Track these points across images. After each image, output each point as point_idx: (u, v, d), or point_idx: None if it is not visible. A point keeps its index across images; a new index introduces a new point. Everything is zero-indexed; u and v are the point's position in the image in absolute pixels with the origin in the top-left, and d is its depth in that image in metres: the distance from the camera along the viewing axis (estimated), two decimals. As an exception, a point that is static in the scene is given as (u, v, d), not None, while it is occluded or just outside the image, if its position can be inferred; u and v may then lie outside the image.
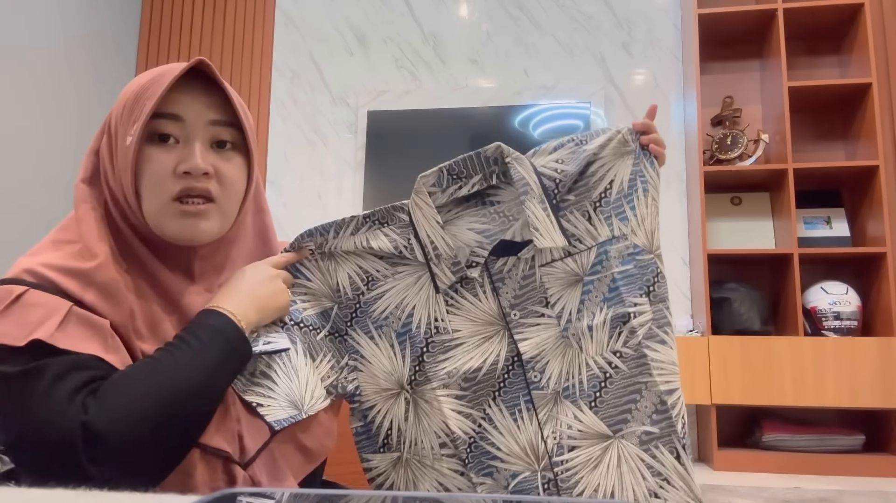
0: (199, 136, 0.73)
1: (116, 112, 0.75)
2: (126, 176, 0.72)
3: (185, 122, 0.73)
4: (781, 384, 2.51)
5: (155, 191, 0.72)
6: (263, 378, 0.75)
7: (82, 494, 0.41)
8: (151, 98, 0.70)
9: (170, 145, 0.73)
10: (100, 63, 3.38)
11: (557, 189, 0.84)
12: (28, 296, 0.66)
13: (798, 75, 2.94)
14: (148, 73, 0.75)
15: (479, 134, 3.17)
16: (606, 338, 0.81)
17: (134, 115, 0.71)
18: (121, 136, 0.72)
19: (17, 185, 2.85)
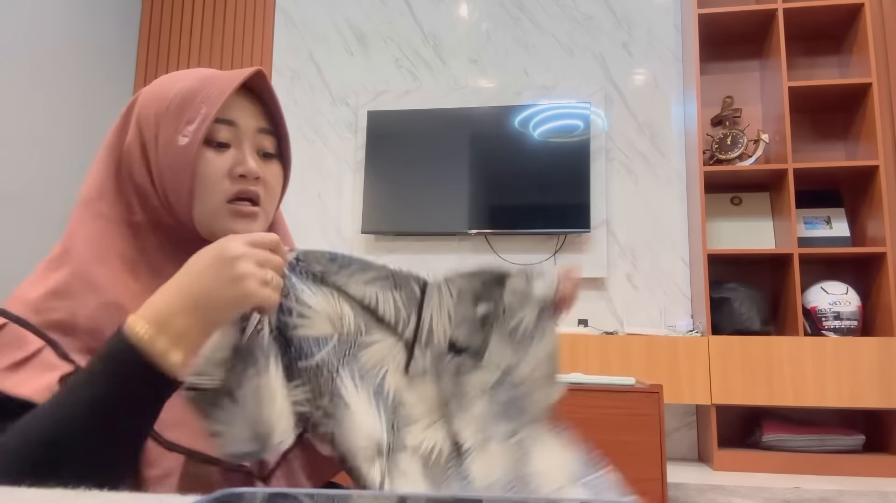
0: (247, 143, 0.76)
1: (155, 109, 0.74)
2: (179, 175, 0.72)
3: (237, 128, 0.75)
4: (781, 384, 2.51)
5: (211, 192, 0.73)
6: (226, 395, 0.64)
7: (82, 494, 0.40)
8: (209, 101, 0.72)
9: (222, 149, 0.74)
10: (100, 63, 3.38)
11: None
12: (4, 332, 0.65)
13: (798, 75, 2.94)
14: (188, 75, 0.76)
15: (479, 134, 3.17)
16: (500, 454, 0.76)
17: (187, 116, 0.72)
18: (166, 135, 0.73)
19: (17, 184, 2.85)
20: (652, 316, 3.03)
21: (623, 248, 3.10)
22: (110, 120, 3.47)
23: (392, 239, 3.26)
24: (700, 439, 2.84)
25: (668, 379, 2.57)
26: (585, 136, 3.08)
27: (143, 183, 0.74)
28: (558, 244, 3.12)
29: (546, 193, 3.07)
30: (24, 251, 2.88)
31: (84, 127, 3.26)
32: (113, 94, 3.49)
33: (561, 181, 3.07)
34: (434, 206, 3.15)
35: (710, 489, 2.17)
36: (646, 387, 1.78)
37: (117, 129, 0.78)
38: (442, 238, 3.21)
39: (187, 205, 0.73)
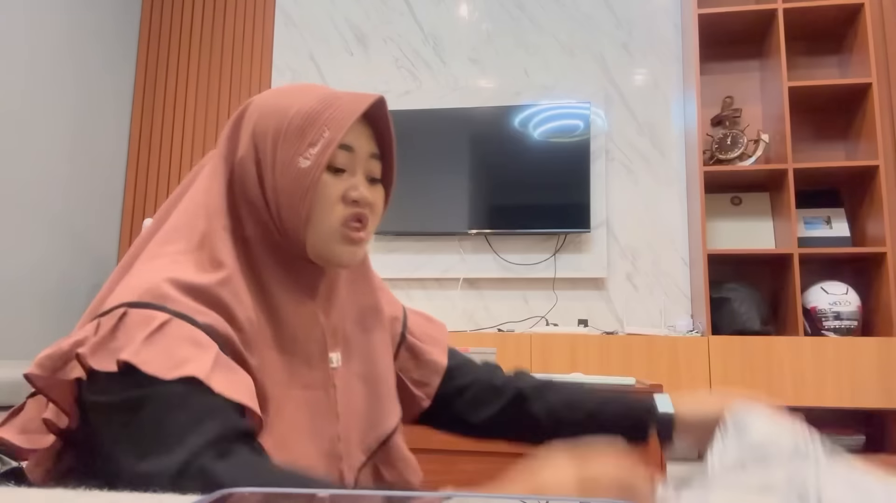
0: (361, 168, 0.77)
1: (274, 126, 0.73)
2: (298, 196, 0.72)
3: (354, 153, 0.76)
4: (781, 384, 2.51)
5: (326, 215, 0.73)
6: None
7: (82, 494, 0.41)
8: (333, 126, 0.72)
9: (338, 173, 0.75)
10: (100, 63, 3.38)
11: None
12: (172, 326, 0.63)
13: (798, 75, 2.94)
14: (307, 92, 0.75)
15: (479, 134, 3.17)
16: None
17: (309, 138, 0.72)
18: (285, 154, 0.72)
19: (16, 184, 2.85)
20: (652, 316, 3.03)
21: (623, 248, 3.10)
22: (110, 120, 3.47)
23: (392, 239, 3.26)
24: (700, 439, 2.84)
25: (668, 379, 2.57)
26: (585, 136, 3.08)
27: (256, 199, 0.74)
28: (558, 244, 3.12)
29: (546, 193, 3.07)
30: (24, 251, 2.88)
31: (84, 127, 3.26)
32: (113, 94, 3.49)
33: (561, 181, 3.07)
34: (434, 206, 3.15)
35: (710, 489, 2.17)
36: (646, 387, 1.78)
37: (228, 139, 0.77)
38: (442, 238, 3.21)
39: (302, 226, 0.73)
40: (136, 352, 0.60)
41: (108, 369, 0.60)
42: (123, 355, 0.60)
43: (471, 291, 3.18)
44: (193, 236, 0.72)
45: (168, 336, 0.62)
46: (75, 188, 3.19)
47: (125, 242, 3.52)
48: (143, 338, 0.61)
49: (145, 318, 0.62)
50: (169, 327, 0.62)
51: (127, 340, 0.61)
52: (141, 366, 0.59)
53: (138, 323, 0.62)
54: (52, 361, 0.64)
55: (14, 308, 2.83)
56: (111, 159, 3.48)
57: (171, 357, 0.61)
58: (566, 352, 2.66)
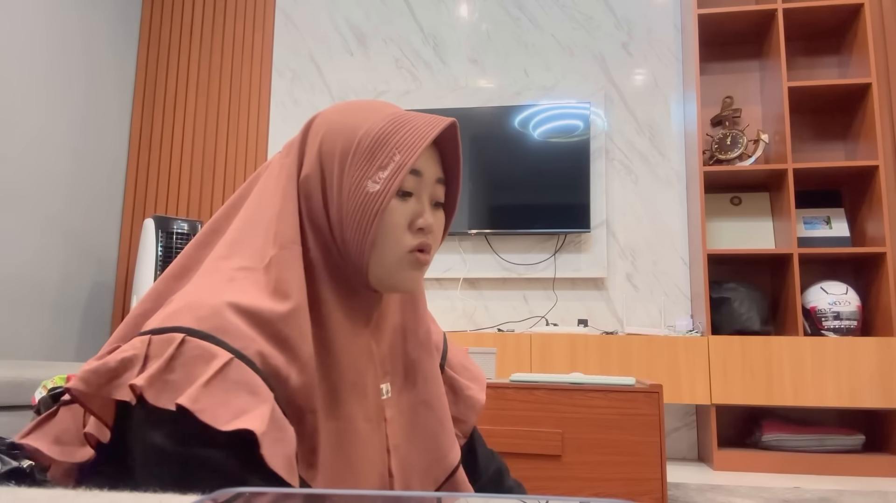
0: (427, 193, 0.74)
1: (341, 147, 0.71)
2: (365, 221, 0.69)
3: (422, 178, 0.73)
4: (781, 384, 2.51)
5: (391, 242, 0.71)
6: None
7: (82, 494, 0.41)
8: (404, 150, 0.69)
9: (405, 198, 0.72)
10: (100, 63, 3.38)
11: None
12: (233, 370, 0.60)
13: (798, 75, 2.94)
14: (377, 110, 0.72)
15: (479, 134, 3.17)
16: None
17: (378, 161, 0.69)
18: (353, 176, 0.70)
19: (17, 185, 2.85)
20: (652, 316, 3.03)
21: (623, 248, 3.10)
22: (110, 120, 3.47)
23: (392, 239, 3.25)
24: (700, 439, 2.84)
25: (668, 379, 2.57)
26: (585, 136, 3.08)
27: (320, 220, 0.72)
28: (558, 244, 3.12)
29: (546, 193, 3.07)
30: (24, 251, 2.88)
31: (84, 127, 3.26)
32: (113, 94, 3.49)
33: (561, 181, 3.07)
34: (434, 206, 3.15)
35: (710, 489, 2.17)
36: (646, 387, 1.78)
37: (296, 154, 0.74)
38: (442, 238, 3.20)
39: (367, 251, 0.70)
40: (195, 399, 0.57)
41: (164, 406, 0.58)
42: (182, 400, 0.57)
43: (471, 291, 3.18)
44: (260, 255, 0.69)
45: (227, 381, 0.59)
46: (75, 188, 3.19)
47: (125, 242, 3.52)
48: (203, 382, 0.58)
49: (205, 355, 0.59)
50: (229, 370, 0.59)
51: (185, 378, 0.58)
52: (198, 414, 0.57)
53: (198, 358, 0.59)
54: (98, 377, 0.62)
55: (14, 308, 2.83)
56: (111, 159, 3.48)
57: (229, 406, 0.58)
58: (566, 352, 2.66)
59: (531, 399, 1.75)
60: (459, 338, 2.74)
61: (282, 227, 0.70)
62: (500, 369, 2.66)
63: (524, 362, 2.68)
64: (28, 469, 0.70)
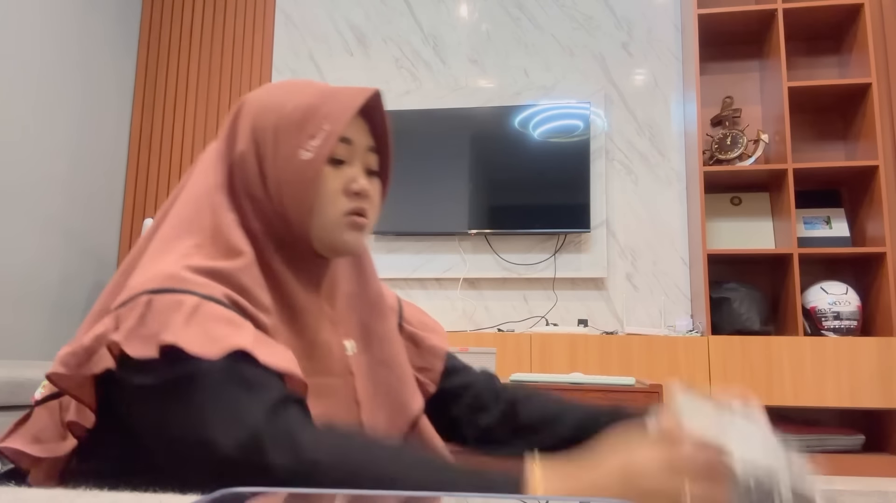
0: (360, 160, 0.79)
1: (273, 122, 0.75)
2: (301, 188, 0.74)
3: (353, 146, 0.78)
4: (781, 384, 2.51)
5: (330, 207, 0.75)
6: None
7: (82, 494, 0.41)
8: (333, 119, 0.74)
9: (338, 165, 0.77)
10: (100, 63, 3.38)
11: None
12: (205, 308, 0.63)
13: (798, 75, 2.94)
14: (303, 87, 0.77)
15: (479, 134, 3.17)
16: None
17: (308, 131, 0.74)
18: (286, 148, 0.74)
19: (17, 185, 2.85)
20: (652, 316, 3.03)
21: (623, 248, 3.10)
22: (110, 120, 3.47)
23: (392, 239, 3.26)
24: (700, 439, 2.84)
25: (667, 379, 2.57)
26: (585, 137, 3.08)
27: (258, 193, 0.76)
28: (558, 244, 3.12)
29: (546, 193, 3.07)
30: (24, 251, 2.88)
31: (84, 127, 3.26)
32: (113, 94, 3.49)
33: (561, 181, 3.07)
34: (434, 206, 3.15)
35: (710, 489, 2.17)
36: (646, 387, 1.78)
37: (226, 136, 0.79)
38: (442, 238, 3.21)
39: (306, 218, 0.75)
40: (178, 334, 0.60)
41: (148, 355, 0.60)
42: (166, 338, 0.59)
43: (471, 291, 3.18)
44: (203, 230, 0.72)
45: (203, 316, 0.62)
46: (75, 188, 3.19)
47: (125, 242, 3.52)
48: (182, 320, 0.61)
49: (174, 302, 0.62)
50: (202, 308, 0.62)
51: (161, 325, 0.61)
52: (186, 346, 0.59)
53: (169, 307, 0.62)
54: (76, 358, 0.63)
55: (14, 308, 2.83)
56: (111, 159, 3.48)
57: (212, 336, 0.61)
58: (566, 352, 2.66)
59: (531, 399, 1.74)
60: (459, 338, 2.74)
61: (215, 201, 0.74)
62: (500, 369, 2.66)
63: (524, 362, 2.68)
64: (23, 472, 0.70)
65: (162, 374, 0.60)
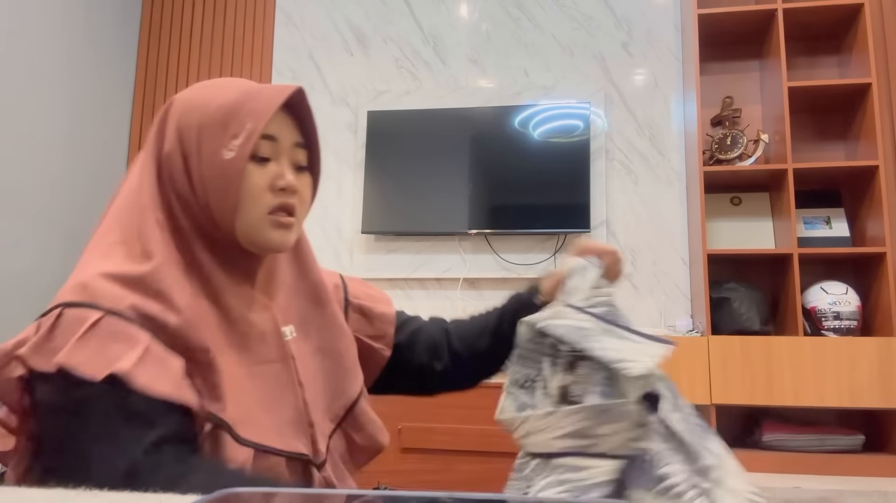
0: (285, 157, 0.80)
1: (197, 121, 0.76)
2: (224, 188, 0.75)
3: (277, 143, 0.78)
4: (781, 384, 2.51)
5: (254, 204, 0.76)
6: None
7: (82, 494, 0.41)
8: (254, 117, 0.75)
9: (263, 163, 0.78)
10: (100, 63, 3.38)
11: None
12: (104, 324, 0.66)
13: (798, 75, 2.94)
14: (228, 86, 0.78)
15: (479, 134, 3.17)
16: None
17: (231, 130, 0.74)
18: (210, 147, 0.75)
19: (16, 184, 2.85)
20: (652, 316, 3.03)
21: (623, 248, 3.10)
22: (110, 120, 3.47)
23: (392, 239, 3.26)
24: (700, 439, 2.84)
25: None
26: (585, 137, 3.08)
27: (185, 191, 0.77)
28: (558, 244, 3.12)
29: (546, 193, 3.07)
30: (24, 251, 2.88)
31: (84, 127, 3.26)
32: (113, 95, 3.49)
33: (561, 181, 3.07)
34: (434, 206, 3.15)
35: (710, 489, 2.16)
36: (645, 387, 1.78)
37: (155, 135, 0.80)
38: (442, 238, 3.21)
39: (230, 216, 0.76)
40: (70, 355, 0.64)
41: (47, 370, 0.64)
42: (58, 358, 0.63)
43: (471, 291, 3.18)
44: (126, 229, 0.75)
45: (99, 334, 0.65)
46: (75, 188, 3.19)
47: (125, 242, 3.52)
48: (76, 339, 0.64)
49: (79, 318, 0.66)
50: (100, 325, 0.66)
51: (62, 341, 0.65)
52: (73, 368, 0.63)
53: (72, 322, 0.66)
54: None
55: (12, 308, 2.83)
56: (111, 159, 3.48)
57: (102, 356, 0.64)
58: (566, 352, 2.66)
59: (531, 399, 1.74)
60: (459, 338, 2.74)
61: (141, 200, 0.77)
62: (500, 369, 2.66)
63: (524, 362, 2.68)
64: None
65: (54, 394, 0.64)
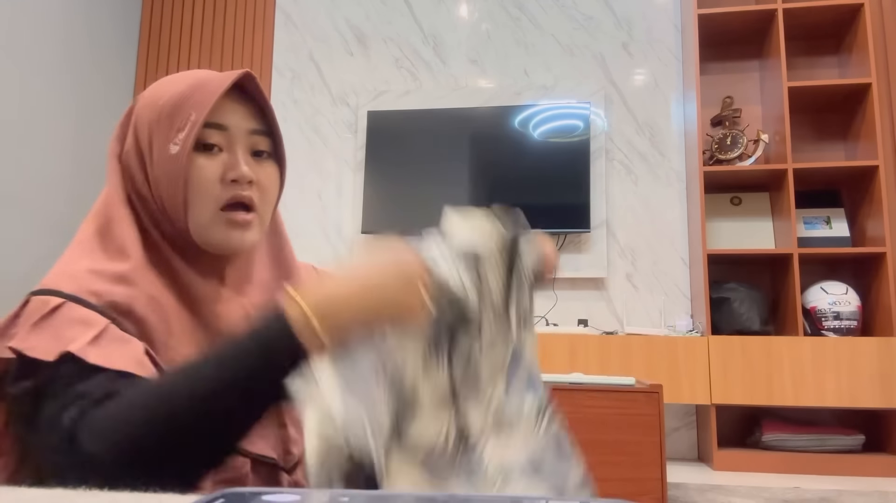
0: (240, 145, 0.75)
1: (148, 118, 0.74)
2: (172, 184, 0.72)
3: (228, 132, 0.74)
4: (781, 384, 2.51)
5: (203, 199, 0.72)
6: None
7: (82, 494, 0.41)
8: (198, 107, 0.71)
9: (214, 154, 0.73)
10: (100, 63, 3.38)
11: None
12: (64, 309, 0.65)
13: (798, 75, 2.94)
14: (180, 80, 0.75)
15: (479, 134, 3.17)
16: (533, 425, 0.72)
17: (177, 124, 0.71)
18: (159, 143, 0.72)
19: (17, 185, 2.86)
20: (652, 316, 3.03)
21: (623, 248, 3.10)
22: (110, 120, 3.47)
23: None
24: (700, 439, 2.84)
25: (667, 379, 2.57)
26: (585, 137, 3.08)
27: (143, 190, 0.75)
28: (558, 244, 3.12)
29: (546, 193, 3.07)
30: (24, 251, 2.88)
31: (84, 127, 3.26)
32: (113, 95, 3.49)
33: (561, 181, 3.07)
34: (434, 206, 3.14)
35: (710, 489, 2.17)
36: (646, 387, 1.78)
37: (117, 135, 0.79)
38: (442, 238, 3.20)
39: (182, 213, 0.72)
40: (23, 339, 0.63)
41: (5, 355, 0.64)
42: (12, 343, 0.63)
43: (471, 291, 3.18)
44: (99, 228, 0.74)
45: (58, 319, 0.64)
46: (76, 189, 3.19)
47: (125, 242, 3.52)
48: (32, 324, 0.64)
49: (41, 304, 0.65)
50: (60, 310, 0.65)
51: (21, 327, 0.65)
52: (26, 352, 0.62)
53: (35, 309, 0.65)
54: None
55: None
56: (111, 159, 3.48)
57: (58, 339, 0.63)
58: (566, 352, 2.66)
59: (531, 399, 1.74)
60: (459, 338, 2.74)
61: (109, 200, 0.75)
62: (500, 369, 2.65)
63: (524, 362, 2.68)
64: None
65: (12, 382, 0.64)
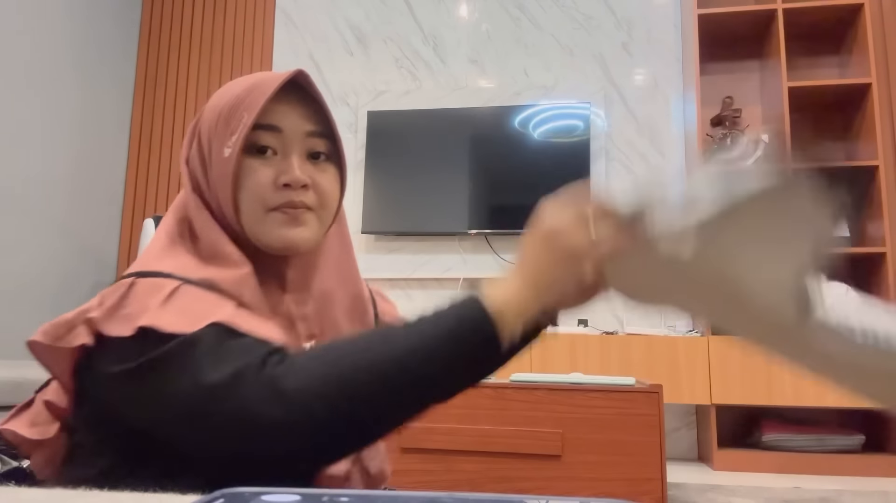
0: (296, 148, 0.73)
1: (209, 122, 0.73)
2: (225, 187, 0.71)
3: (283, 134, 0.72)
4: (781, 384, 2.51)
5: (255, 202, 0.71)
6: None
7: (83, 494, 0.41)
8: (250, 109, 0.69)
9: (268, 157, 0.72)
10: (100, 63, 3.38)
11: None
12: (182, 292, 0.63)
13: (798, 75, 2.94)
14: (241, 83, 0.74)
15: (479, 134, 3.17)
16: None
17: (231, 127, 0.70)
18: (216, 148, 0.71)
19: (17, 185, 2.86)
20: (652, 316, 3.03)
21: (623, 248, 3.10)
22: (110, 120, 3.47)
23: (392, 239, 3.26)
24: (700, 439, 2.84)
25: (667, 379, 2.57)
26: (585, 137, 3.08)
27: (206, 194, 0.74)
28: (558, 244, 3.11)
29: (546, 193, 3.04)
30: (24, 251, 2.88)
31: (84, 127, 3.26)
32: (113, 95, 3.49)
33: (561, 181, 3.04)
34: (434, 206, 3.15)
35: (710, 489, 2.17)
36: (646, 387, 1.78)
37: (188, 139, 0.77)
38: (442, 238, 3.21)
39: (234, 216, 0.71)
40: (156, 317, 0.60)
41: (123, 334, 0.60)
42: (142, 321, 0.60)
43: (471, 291, 3.18)
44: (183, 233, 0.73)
45: (183, 298, 0.62)
46: (76, 188, 3.20)
47: (125, 242, 3.52)
48: (159, 303, 0.61)
49: (155, 286, 0.63)
50: (181, 291, 0.63)
51: (140, 307, 0.61)
52: (162, 327, 0.59)
53: (149, 290, 0.62)
54: (56, 329, 0.64)
55: (14, 308, 2.84)
56: (111, 159, 3.48)
57: (191, 314, 0.61)
58: (566, 352, 2.66)
59: (531, 399, 1.75)
60: (459, 338, 2.74)
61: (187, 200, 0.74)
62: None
63: (524, 362, 2.68)
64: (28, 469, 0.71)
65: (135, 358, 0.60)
